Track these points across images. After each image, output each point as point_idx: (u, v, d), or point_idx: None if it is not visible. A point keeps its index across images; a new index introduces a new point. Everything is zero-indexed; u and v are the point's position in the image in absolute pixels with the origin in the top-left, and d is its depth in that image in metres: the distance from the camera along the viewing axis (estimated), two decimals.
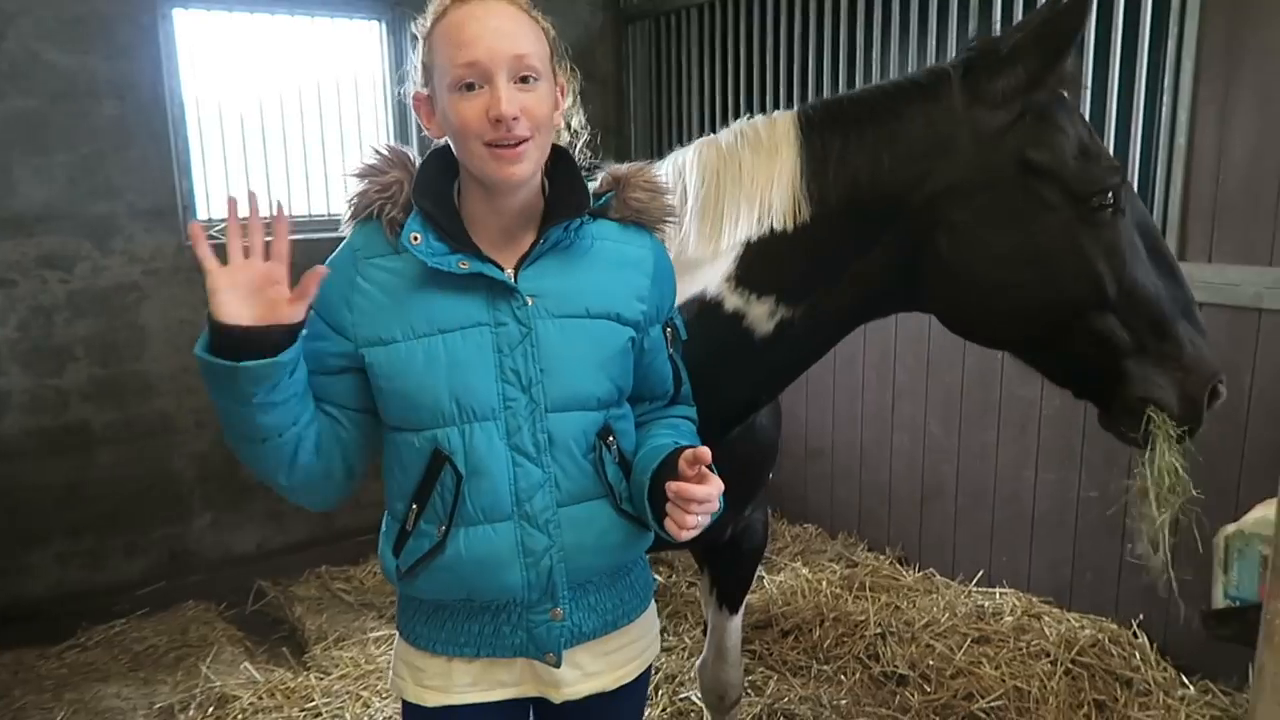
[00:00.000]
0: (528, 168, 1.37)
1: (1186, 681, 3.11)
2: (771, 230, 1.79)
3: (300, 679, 3.35)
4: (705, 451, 1.34)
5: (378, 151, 1.49)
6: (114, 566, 3.94)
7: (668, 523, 1.36)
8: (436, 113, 1.42)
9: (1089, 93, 3.24)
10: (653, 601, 1.67)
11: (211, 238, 4.17)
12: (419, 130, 4.74)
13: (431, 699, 1.53)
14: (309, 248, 4.48)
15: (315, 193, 4.34)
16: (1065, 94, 1.77)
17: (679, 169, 1.93)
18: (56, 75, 3.63)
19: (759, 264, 1.81)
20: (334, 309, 1.42)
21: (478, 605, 1.49)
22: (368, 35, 4.43)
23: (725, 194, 1.84)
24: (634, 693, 1.64)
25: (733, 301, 1.83)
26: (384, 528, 1.52)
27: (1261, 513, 2.22)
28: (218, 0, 3.98)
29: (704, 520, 1.35)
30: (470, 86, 1.33)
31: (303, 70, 4.27)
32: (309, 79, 4.30)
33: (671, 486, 1.33)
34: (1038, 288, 1.74)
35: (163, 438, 3.97)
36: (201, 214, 4.06)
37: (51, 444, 3.78)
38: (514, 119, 1.32)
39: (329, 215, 4.32)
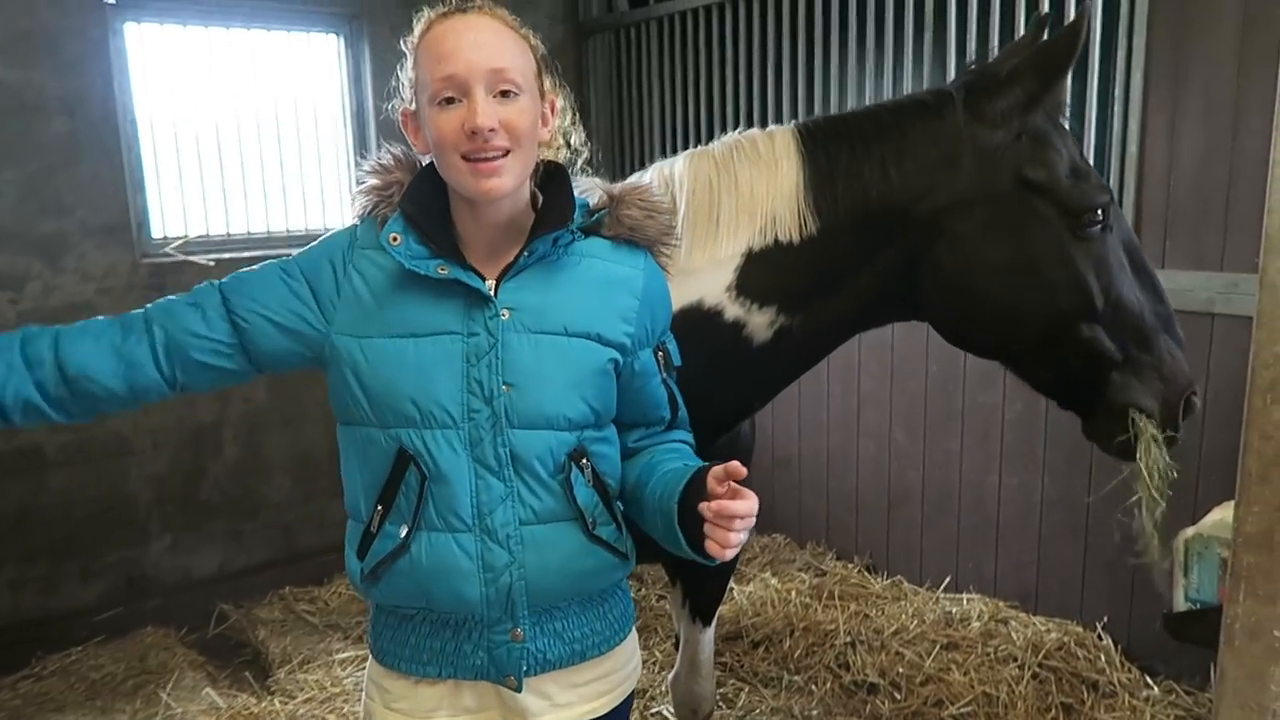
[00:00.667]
0: (507, 182, 1.36)
1: (1151, 683, 3.15)
2: (776, 241, 1.84)
3: (264, 704, 3.28)
4: (738, 466, 1.30)
5: (390, 151, 1.51)
6: (69, 592, 3.83)
7: (709, 545, 1.31)
8: (421, 128, 1.42)
9: None
10: (633, 633, 1.63)
11: (164, 255, 4.05)
12: (378, 145, 4.68)
13: None
14: None
15: (274, 208, 4.27)
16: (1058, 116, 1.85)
17: (666, 179, 1.94)
18: (2, 91, 3.53)
19: (761, 274, 1.86)
20: (322, 276, 1.45)
21: (439, 619, 1.47)
22: (325, 49, 4.37)
23: (721, 204, 1.87)
24: None
25: (733, 311, 1.87)
26: (348, 534, 1.50)
27: (1219, 515, 2.25)
28: (171, 14, 3.91)
29: (744, 537, 1.32)
30: (450, 100, 1.33)
31: (260, 85, 4.20)
32: (266, 93, 4.23)
33: (712, 506, 1.29)
34: (1032, 297, 1.82)
35: (118, 459, 3.87)
36: (156, 231, 3.97)
37: (1, 468, 3.66)
38: (490, 130, 1.31)
39: (288, 231, 4.28)
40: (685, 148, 4.60)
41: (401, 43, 1.45)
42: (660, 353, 1.55)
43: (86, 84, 3.69)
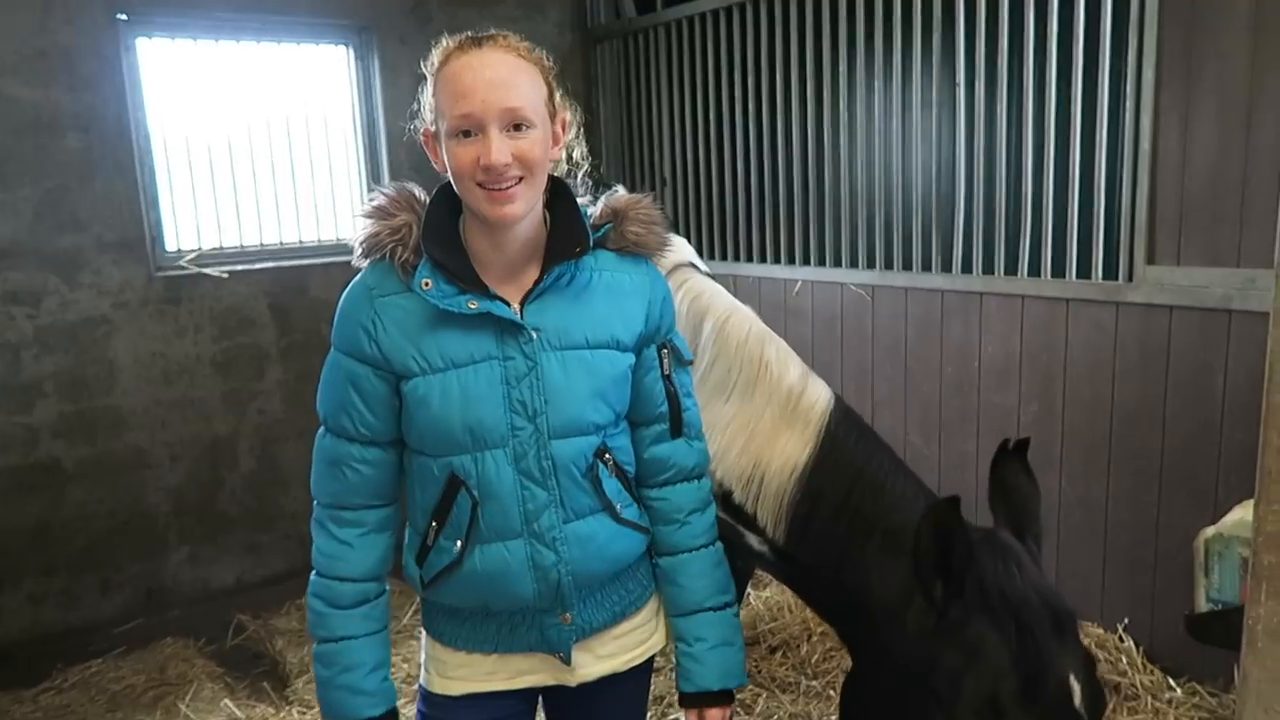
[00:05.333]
0: (520, 207, 1.45)
1: (1174, 684, 3.10)
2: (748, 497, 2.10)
3: (283, 713, 3.29)
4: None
5: (384, 193, 1.57)
6: (89, 605, 3.86)
7: None
8: (440, 151, 1.50)
9: (1053, 101, 3.28)
10: (654, 586, 1.77)
11: (179, 268, 4.05)
12: (389, 156, 4.66)
13: (456, 688, 1.65)
14: (281, 274, 4.31)
15: (286, 219, 4.29)
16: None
17: (717, 332, 2.19)
18: (18, 109, 3.58)
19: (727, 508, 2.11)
20: (360, 345, 1.52)
21: (494, 609, 1.60)
22: (335, 61, 4.39)
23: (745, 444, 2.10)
24: (641, 678, 1.76)
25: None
26: (407, 540, 1.64)
27: (1239, 514, 2.23)
28: (183, 29, 3.95)
29: None
30: (467, 133, 1.42)
31: (271, 97, 4.23)
32: (278, 106, 4.25)
33: None
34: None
35: (136, 472, 3.91)
36: (170, 245, 4.01)
37: (21, 482, 3.70)
38: (505, 165, 1.41)
39: (300, 242, 4.30)
40: (695, 154, 4.61)
41: (421, 65, 1.51)
42: (664, 349, 1.66)
43: (100, 100, 3.73)
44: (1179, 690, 3.08)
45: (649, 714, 3.14)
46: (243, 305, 4.05)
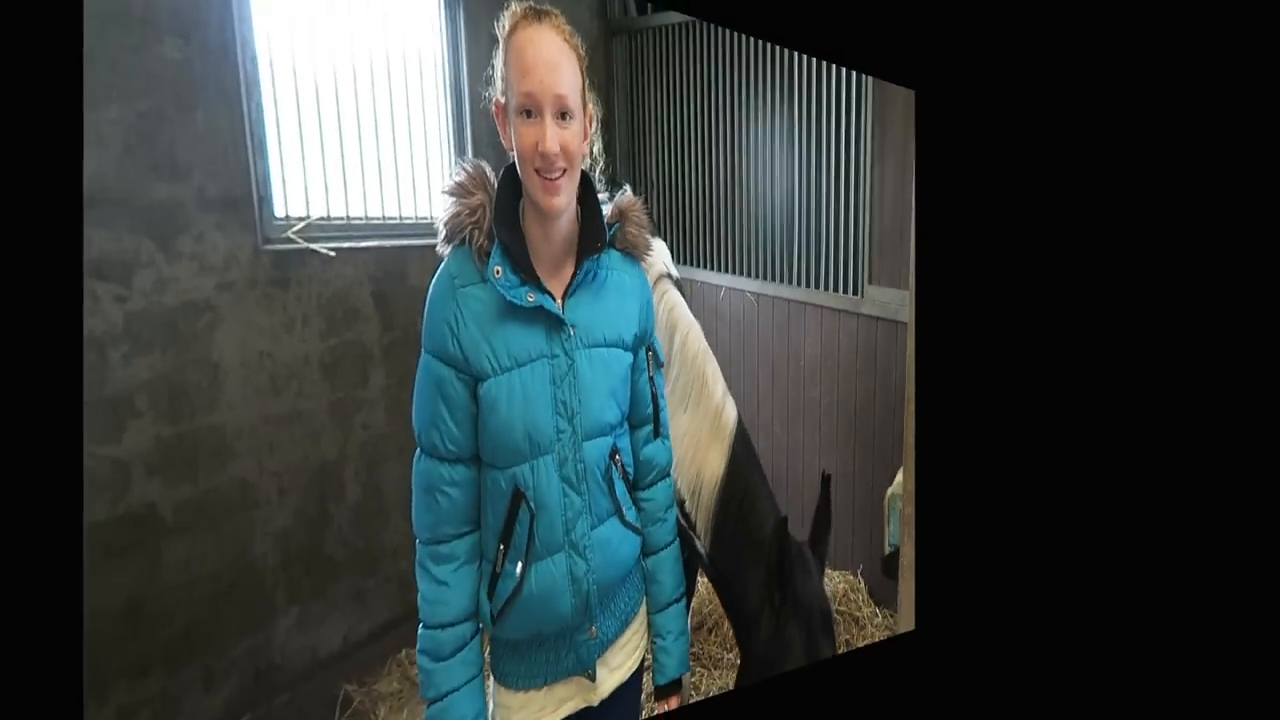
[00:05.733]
0: (564, 200, 1.40)
1: (879, 612, 3.72)
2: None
3: None
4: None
5: (464, 168, 1.47)
6: (190, 708, 2.65)
7: None
8: (509, 127, 1.41)
9: (832, 155, 3.78)
10: (644, 588, 1.75)
11: (288, 239, 3.21)
12: (471, 121, 4.01)
13: None
14: (383, 256, 3.42)
15: (388, 189, 3.38)
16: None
17: (680, 344, 2.24)
18: None
19: None
20: (445, 344, 1.41)
21: (540, 638, 1.53)
22: (425, 9, 3.55)
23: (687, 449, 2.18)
24: (637, 682, 1.73)
25: None
26: (483, 572, 1.53)
27: (901, 477, 2.71)
28: None
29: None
30: (529, 112, 1.35)
31: (371, 42, 3.29)
32: (377, 55, 3.31)
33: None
34: None
35: (242, 515, 2.79)
36: (279, 208, 2.94)
37: (107, 544, 2.45)
38: (555, 155, 1.35)
39: (400, 218, 3.43)
40: (668, 159, 4.74)
41: (495, 26, 1.41)
42: (650, 351, 1.62)
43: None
44: (881, 617, 3.70)
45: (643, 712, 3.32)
46: (348, 292, 3.11)
